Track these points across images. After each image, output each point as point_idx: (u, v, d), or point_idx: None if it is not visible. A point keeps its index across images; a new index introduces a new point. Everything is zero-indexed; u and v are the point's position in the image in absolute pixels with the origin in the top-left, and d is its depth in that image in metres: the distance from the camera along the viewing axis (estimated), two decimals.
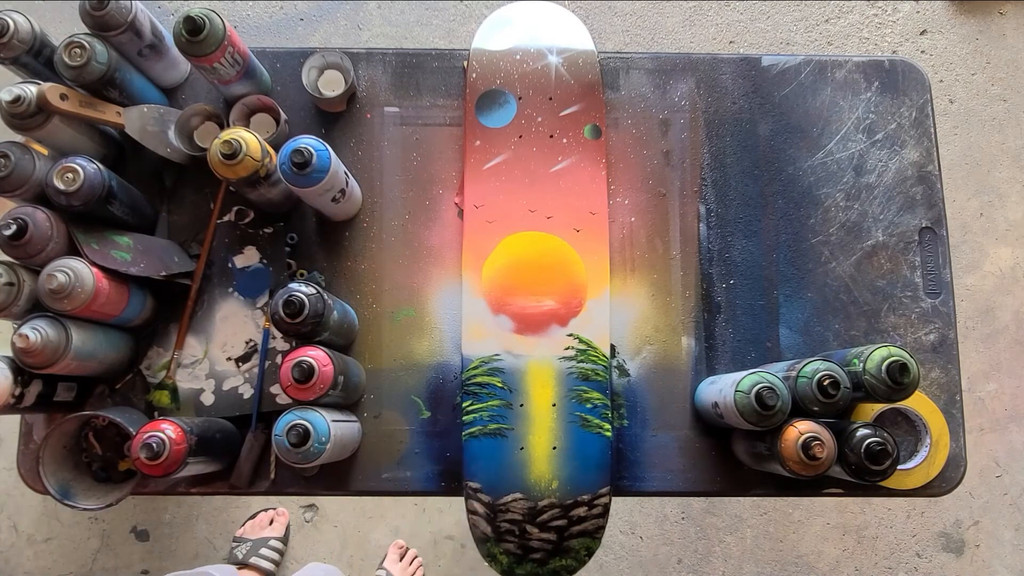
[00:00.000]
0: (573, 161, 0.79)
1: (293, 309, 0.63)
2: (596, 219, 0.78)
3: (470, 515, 0.72)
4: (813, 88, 0.84)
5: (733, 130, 0.83)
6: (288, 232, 0.79)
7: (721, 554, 1.49)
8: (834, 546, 1.50)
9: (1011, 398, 1.54)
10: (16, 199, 0.68)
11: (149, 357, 0.76)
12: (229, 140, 0.67)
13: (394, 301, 0.79)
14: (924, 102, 0.83)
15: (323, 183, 0.68)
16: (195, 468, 0.67)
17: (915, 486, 0.74)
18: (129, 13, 0.69)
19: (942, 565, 1.49)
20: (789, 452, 0.63)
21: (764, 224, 0.81)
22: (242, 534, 1.41)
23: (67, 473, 0.70)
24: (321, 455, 0.63)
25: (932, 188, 0.82)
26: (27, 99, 0.67)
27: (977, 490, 1.51)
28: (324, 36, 1.67)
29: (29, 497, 1.49)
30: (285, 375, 0.64)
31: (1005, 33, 1.68)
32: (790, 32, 1.68)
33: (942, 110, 1.63)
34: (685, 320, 0.79)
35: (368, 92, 0.83)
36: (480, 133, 0.79)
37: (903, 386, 0.61)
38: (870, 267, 0.80)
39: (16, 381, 0.65)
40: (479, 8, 1.68)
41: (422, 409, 0.77)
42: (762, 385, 0.62)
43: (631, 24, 1.68)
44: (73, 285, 0.63)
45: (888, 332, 0.79)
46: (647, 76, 0.84)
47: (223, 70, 0.72)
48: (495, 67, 0.80)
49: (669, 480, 0.76)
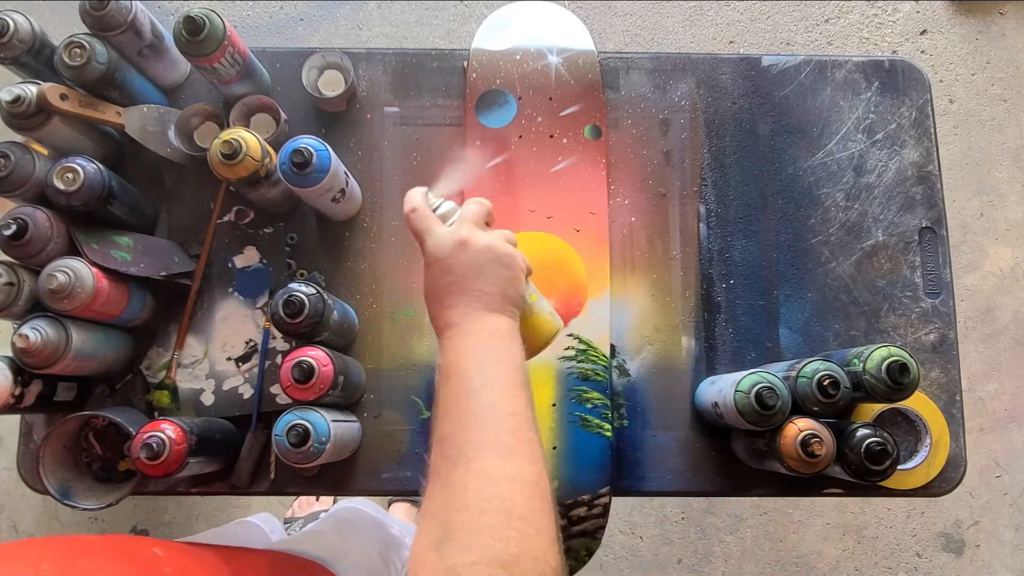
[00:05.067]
0: (573, 161, 0.79)
1: (293, 309, 0.63)
2: (596, 219, 0.78)
3: None
4: (813, 88, 0.84)
5: (733, 130, 0.83)
6: (288, 232, 0.79)
7: (721, 554, 1.49)
8: (834, 546, 1.50)
9: (1011, 398, 1.54)
10: (16, 199, 0.68)
11: (149, 357, 0.76)
12: (229, 140, 0.67)
13: (394, 301, 0.79)
14: (924, 102, 0.83)
15: (323, 183, 0.68)
16: (195, 468, 0.67)
17: (915, 486, 0.74)
18: (129, 13, 0.69)
19: (942, 565, 1.49)
20: (788, 449, 0.63)
21: (764, 224, 0.81)
22: (292, 514, 1.42)
23: (67, 473, 0.70)
24: (321, 455, 0.63)
25: (932, 188, 0.82)
26: (27, 99, 0.67)
27: (977, 490, 1.51)
28: (324, 36, 1.67)
29: (29, 497, 1.49)
30: (285, 375, 0.64)
31: (1005, 33, 1.68)
32: (790, 32, 1.68)
33: (942, 110, 1.63)
34: (685, 320, 0.79)
35: (368, 92, 0.83)
36: (480, 133, 0.79)
37: (903, 386, 0.61)
38: (870, 267, 0.80)
39: (16, 381, 0.65)
40: (479, 8, 1.68)
41: (422, 409, 0.77)
42: (762, 385, 0.62)
43: (631, 24, 1.68)
44: (73, 285, 0.63)
45: (888, 332, 0.79)
46: (647, 76, 0.84)
47: (223, 70, 0.72)
48: (495, 67, 0.80)
49: (669, 480, 0.76)
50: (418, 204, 0.56)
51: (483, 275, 0.53)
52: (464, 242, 0.54)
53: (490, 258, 0.54)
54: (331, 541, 0.84)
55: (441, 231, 0.55)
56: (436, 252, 0.54)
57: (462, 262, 0.53)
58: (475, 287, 0.53)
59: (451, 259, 0.54)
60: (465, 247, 0.54)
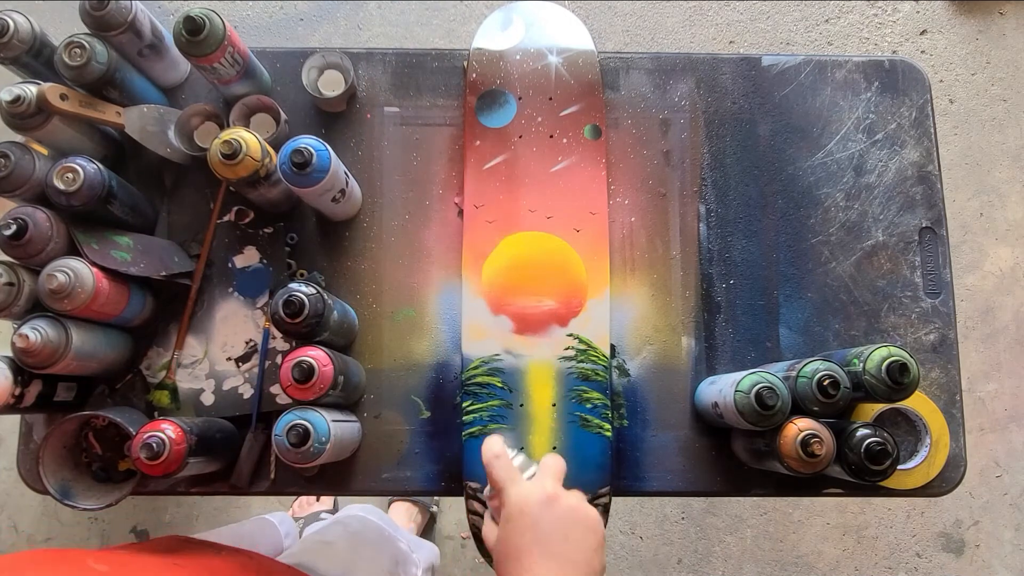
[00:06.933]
0: (573, 161, 0.79)
1: (293, 309, 0.63)
2: (596, 219, 0.78)
3: (470, 515, 0.72)
4: (813, 88, 0.84)
5: (733, 130, 0.83)
6: (288, 232, 0.79)
7: (721, 554, 1.49)
8: (834, 546, 1.50)
9: (1011, 398, 1.54)
10: (16, 199, 0.68)
11: (149, 357, 0.76)
12: (229, 140, 0.67)
13: (394, 301, 0.79)
14: (924, 102, 0.83)
15: (323, 183, 0.68)
16: (195, 468, 0.67)
17: (915, 486, 0.74)
18: (129, 13, 0.69)
19: (942, 565, 1.49)
20: (788, 449, 0.63)
21: (764, 224, 0.81)
22: (292, 514, 1.42)
23: (67, 473, 0.70)
24: (321, 455, 0.63)
25: (932, 188, 0.82)
26: (27, 99, 0.67)
27: (977, 490, 1.51)
28: (324, 36, 1.67)
29: (29, 497, 1.49)
30: (285, 375, 0.64)
31: (1005, 33, 1.68)
32: (790, 32, 1.68)
33: (942, 110, 1.63)
34: (685, 320, 0.79)
35: (368, 92, 0.83)
36: (480, 133, 0.79)
37: (903, 386, 0.61)
38: (870, 267, 0.80)
39: (16, 381, 0.65)
40: (479, 8, 1.68)
41: (422, 409, 0.77)
42: (762, 385, 0.62)
43: (631, 24, 1.68)
44: (73, 285, 0.63)
45: (888, 332, 0.79)
46: (647, 76, 0.84)
47: (223, 70, 0.72)
48: (495, 67, 0.80)
49: (669, 480, 0.76)
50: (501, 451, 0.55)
51: (570, 540, 0.51)
52: (553, 499, 0.51)
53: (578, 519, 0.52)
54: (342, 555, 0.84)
55: (528, 484, 0.53)
56: (522, 504, 0.52)
57: (548, 520, 0.51)
58: (560, 552, 0.50)
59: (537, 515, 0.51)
60: (554, 504, 0.51)
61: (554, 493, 0.52)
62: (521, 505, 0.52)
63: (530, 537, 0.50)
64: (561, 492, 0.53)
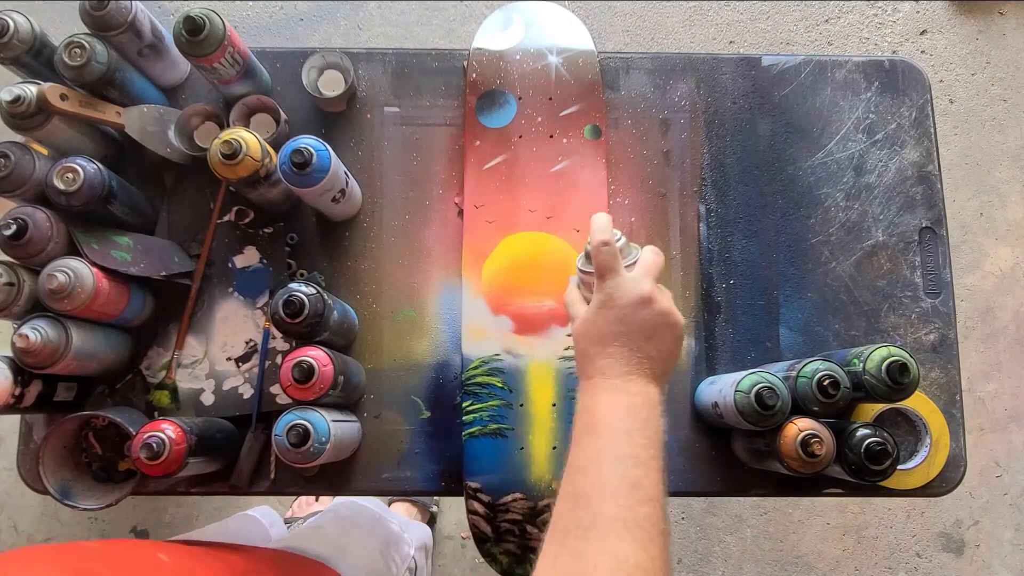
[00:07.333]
0: (573, 161, 0.79)
1: (293, 309, 0.63)
2: None
3: (470, 515, 0.72)
4: (813, 88, 0.84)
5: (733, 130, 0.83)
6: (288, 232, 0.79)
7: (721, 554, 1.49)
8: (834, 546, 1.50)
9: (1011, 398, 1.54)
10: (16, 199, 0.68)
11: (149, 357, 0.76)
12: (229, 140, 0.67)
13: (394, 301, 0.79)
14: (924, 102, 0.83)
15: (323, 183, 0.68)
16: (195, 468, 0.67)
17: (915, 486, 0.74)
18: (129, 13, 0.69)
19: (942, 565, 1.49)
20: (788, 449, 0.63)
21: (764, 224, 0.81)
22: (291, 515, 1.43)
23: (67, 473, 0.70)
24: (321, 455, 0.63)
25: (932, 188, 0.82)
26: (27, 99, 0.67)
27: (977, 490, 1.51)
28: (324, 36, 1.67)
29: (29, 497, 1.49)
30: (285, 375, 0.64)
31: (1005, 33, 1.68)
32: (790, 32, 1.68)
33: (942, 110, 1.63)
34: (685, 320, 0.79)
35: (368, 92, 0.83)
36: (480, 133, 0.79)
37: (903, 386, 0.61)
38: (870, 267, 0.80)
39: (16, 381, 0.65)
40: (479, 8, 1.68)
41: (422, 409, 0.77)
42: (762, 385, 0.62)
43: (631, 24, 1.68)
44: (73, 285, 0.63)
45: (888, 332, 0.79)
46: (647, 76, 0.84)
47: (223, 70, 0.72)
48: (495, 67, 0.80)
49: (669, 480, 0.74)
50: (610, 238, 0.55)
51: (655, 339, 0.53)
52: (649, 300, 0.53)
53: (666, 324, 0.54)
54: (332, 538, 0.84)
55: (628, 277, 0.54)
56: (618, 298, 0.54)
57: (640, 318, 0.53)
58: (644, 347, 0.53)
59: (630, 311, 0.53)
60: (648, 305, 0.53)
61: (650, 295, 0.53)
62: (617, 298, 0.54)
63: (619, 328, 0.53)
64: (656, 295, 0.54)
